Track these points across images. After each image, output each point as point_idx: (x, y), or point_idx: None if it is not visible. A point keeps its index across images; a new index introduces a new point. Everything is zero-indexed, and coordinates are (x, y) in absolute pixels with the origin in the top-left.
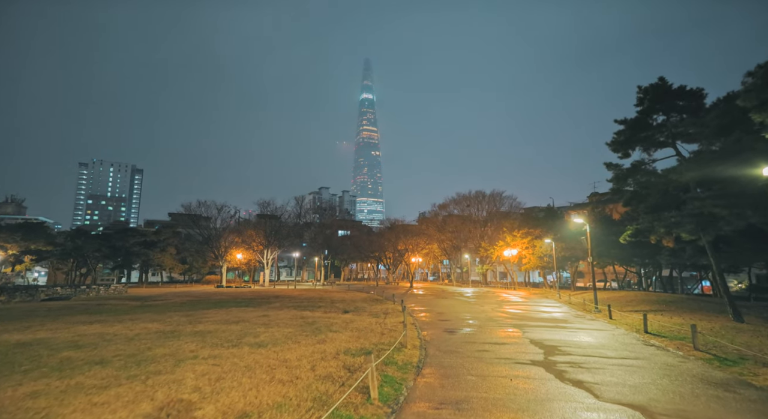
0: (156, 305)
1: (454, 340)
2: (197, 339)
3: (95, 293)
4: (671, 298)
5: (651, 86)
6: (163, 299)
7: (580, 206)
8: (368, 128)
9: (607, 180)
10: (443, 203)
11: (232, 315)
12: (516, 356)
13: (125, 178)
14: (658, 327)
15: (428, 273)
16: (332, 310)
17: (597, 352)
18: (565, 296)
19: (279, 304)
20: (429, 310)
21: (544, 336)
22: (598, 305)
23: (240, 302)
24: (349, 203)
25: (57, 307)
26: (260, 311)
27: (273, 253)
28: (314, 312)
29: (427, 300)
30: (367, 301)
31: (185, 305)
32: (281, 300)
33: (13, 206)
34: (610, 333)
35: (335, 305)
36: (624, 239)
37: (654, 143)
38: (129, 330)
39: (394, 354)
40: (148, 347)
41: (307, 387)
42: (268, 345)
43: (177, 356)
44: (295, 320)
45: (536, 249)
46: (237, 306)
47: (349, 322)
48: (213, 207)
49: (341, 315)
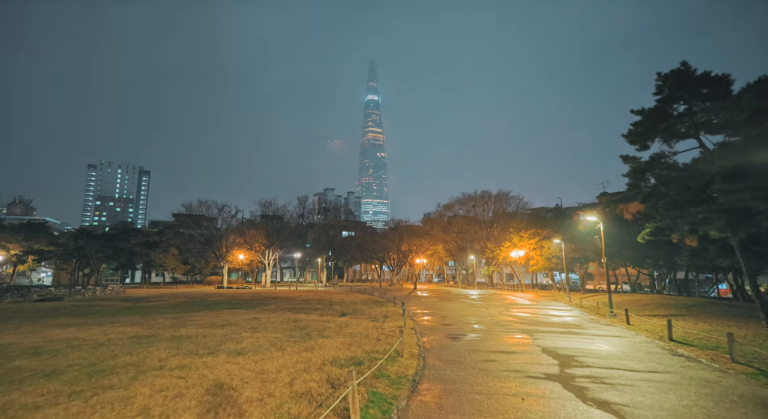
0: (146, 307)
1: (457, 348)
2: (172, 345)
3: (91, 293)
4: (691, 302)
5: (672, 73)
6: (157, 300)
7: (589, 206)
8: (373, 129)
9: (623, 175)
10: (448, 204)
11: (220, 318)
12: (527, 368)
13: (133, 179)
14: (684, 334)
15: (433, 275)
16: (329, 313)
17: (620, 364)
18: (576, 299)
19: (274, 306)
20: (432, 313)
21: (557, 343)
22: (613, 309)
23: (235, 303)
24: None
25: (45, 308)
26: (252, 314)
27: (275, 254)
28: (309, 315)
29: (430, 303)
30: (368, 303)
31: (177, 307)
32: (278, 302)
33: (21, 206)
34: (630, 340)
35: (333, 308)
36: (642, 238)
37: (675, 133)
38: (104, 334)
39: (388, 365)
40: (113, 355)
41: (277, 408)
42: (248, 352)
43: (141, 366)
44: (287, 323)
45: (544, 250)
46: (230, 308)
47: (344, 326)
48: (214, 207)
49: (337, 319)
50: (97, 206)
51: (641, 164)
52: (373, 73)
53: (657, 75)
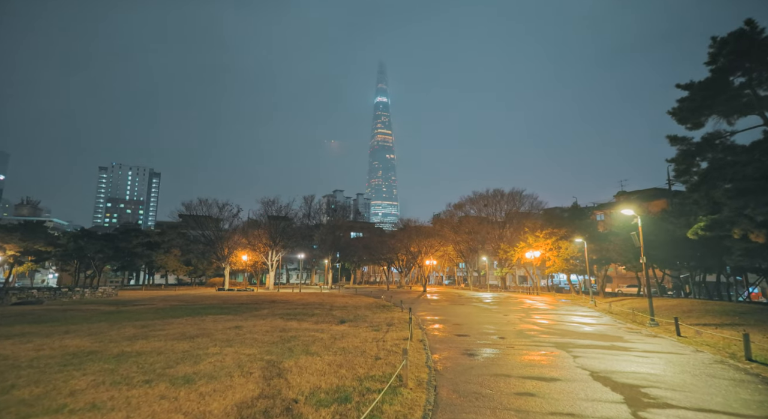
0: (126, 312)
1: (478, 370)
2: (108, 367)
3: (79, 296)
4: (740, 308)
5: (731, 36)
6: (144, 304)
7: (606, 205)
8: (383, 131)
9: (668, 160)
10: (459, 203)
11: (197, 327)
12: (583, 408)
13: (143, 181)
14: (763, 352)
15: (443, 277)
16: (326, 319)
17: (711, 401)
18: (602, 304)
19: (267, 311)
20: (443, 320)
21: (606, 364)
22: (654, 317)
23: (225, 308)
24: (363, 207)
25: (13, 313)
26: (237, 321)
27: (278, 255)
28: (302, 323)
29: (441, 307)
30: (372, 308)
31: (159, 312)
32: (274, 306)
33: (29, 207)
34: (694, 359)
35: (332, 314)
36: (694, 234)
37: (735, 108)
38: (37, 349)
39: (386, 402)
40: (12, 384)
41: None
42: (199, 380)
43: (35, 406)
44: (271, 334)
45: (561, 251)
46: (217, 313)
47: (339, 338)
48: (214, 206)
49: (333, 327)
50: (107, 208)
51: (692, 146)
52: (382, 75)
53: (712, 40)
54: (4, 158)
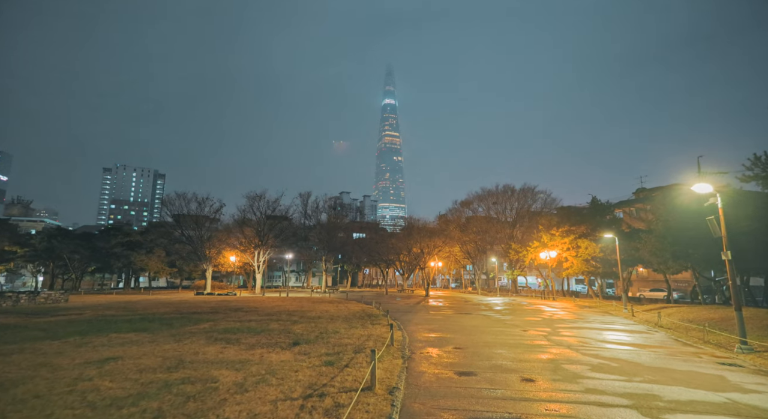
0: (20, 327)
1: None
2: None
3: (12, 303)
4: None
5: None
6: (67, 315)
7: (625, 203)
8: (390, 133)
9: None
10: (466, 200)
11: (32, 361)
12: None
13: (148, 183)
14: None
15: (449, 280)
16: (273, 340)
17: None
18: (640, 313)
19: (208, 325)
20: (441, 339)
21: None
22: (746, 338)
23: (162, 320)
24: (370, 209)
25: None
26: (131, 347)
27: (265, 255)
28: (227, 348)
29: (442, 318)
30: (352, 319)
31: (46, 329)
32: (227, 317)
33: (19, 207)
34: None
35: (291, 329)
36: None
37: None
38: None
39: None
40: None
41: None
42: None
43: None
44: (139, 378)
45: (581, 250)
46: (134, 331)
47: (252, 386)
48: (193, 201)
49: (272, 356)
50: (111, 210)
51: None
52: (389, 77)
53: None
54: (7, 159)
